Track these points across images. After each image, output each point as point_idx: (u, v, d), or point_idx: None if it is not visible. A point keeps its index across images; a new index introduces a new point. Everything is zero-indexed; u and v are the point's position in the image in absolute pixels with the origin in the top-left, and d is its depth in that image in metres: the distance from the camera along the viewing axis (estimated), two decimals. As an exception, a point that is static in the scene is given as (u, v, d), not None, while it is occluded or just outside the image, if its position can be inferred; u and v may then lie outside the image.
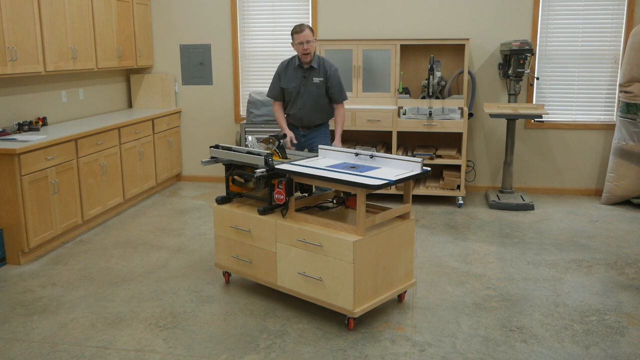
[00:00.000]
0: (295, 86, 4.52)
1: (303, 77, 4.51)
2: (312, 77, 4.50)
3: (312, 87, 4.50)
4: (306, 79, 4.51)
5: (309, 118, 4.58)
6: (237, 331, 3.35)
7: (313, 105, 4.53)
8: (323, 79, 4.50)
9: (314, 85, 4.50)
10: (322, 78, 4.50)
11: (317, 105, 4.55)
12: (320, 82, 4.49)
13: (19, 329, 3.39)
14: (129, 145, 5.77)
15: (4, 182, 4.27)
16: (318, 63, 4.51)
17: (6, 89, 4.93)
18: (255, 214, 3.64)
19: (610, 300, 3.73)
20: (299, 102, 4.54)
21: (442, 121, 5.77)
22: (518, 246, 4.74)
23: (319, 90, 4.51)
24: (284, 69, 4.58)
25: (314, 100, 4.53)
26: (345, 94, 4.62)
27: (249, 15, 6.72)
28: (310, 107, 4.53)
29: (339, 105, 4.62)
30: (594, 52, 6.17)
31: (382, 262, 3.37)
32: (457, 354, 3.08)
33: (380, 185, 3.15)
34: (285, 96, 4.61)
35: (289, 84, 4.54)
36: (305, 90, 4.51)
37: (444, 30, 6.30)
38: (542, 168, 6.43)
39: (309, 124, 4.62)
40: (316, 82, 4.49)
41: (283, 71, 4.58)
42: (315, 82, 4.49)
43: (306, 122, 4.60)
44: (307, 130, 4.65)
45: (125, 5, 6.27)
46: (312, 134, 4.65)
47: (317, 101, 4.53)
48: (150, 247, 4.79)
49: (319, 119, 4.63)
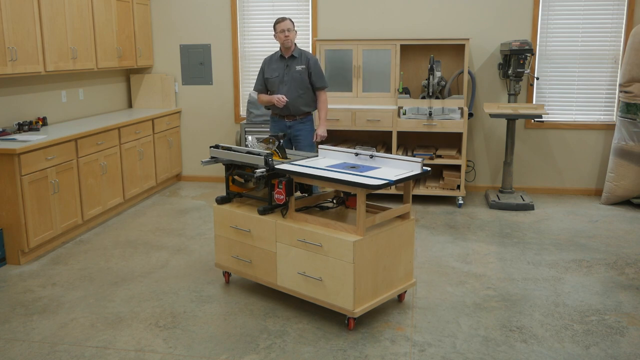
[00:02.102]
0: (278, 75, 4.82)
1: (286, 66, 4.82)
2: (295, 65, 4.80)
3: (295, 74, 4.79)
4: (289, 67, 4.81)
5: (294, 105, 4.80)
6: (237, 331, 3.35)
7: (296, 90, 4.79)
8: (305, 66, 4.80)
9: (297, 72, 4.79)
10: (304, 65, 4.80)
11: (300, 91, 4.80)
12: (302, 69, 4.80)
13: (19, 329, 3.39)
14: (129, 145, 5.77)
15: (4, 182, 4.27)
16: (299, 53, 4.83)
17: (6, 89, 4.93)
18: (255, 214, 3.64)
19: (610, 300, 3.73)
20: (283, 90, 4.80)
21: (442, 121, 5.77)
22: (518, 246, 4.74)
23: (302, 77, 4.80)
24: (267, 63, 4.91)
25: (297, 86, 4.80)
26: (326, 82, 4.94)
27: (249, 15, 6.72)
28: (294, 92, 4.79)
29: (320, 92, 4.89)
30: (594, 52, 6.17)
31: (382, 262, 3.37)
32: (457, 354, 3.08)
33: (380, 185, 3.15)
34: (269, 87, 4.88)
35: (272, 74, 4.84)
36: (288, 78, 4.79)
37: (444, 30, 6.30)
38: (542, 168, 6.43)
39: (294, 113, 4.84)
40: (298, 69, 4.79)
41: (267, 65, 4.90)
42: (298, 69, 4.79)
43: (292, 110, 4.83)
44: (293, 121, 4.88)
45: (125, 5, 6.27)
46: (297, 126, 4.88)
47: (299, 87, 4.80)
48: (150, 247, 4.79)
49: (303, 106, 4.85)
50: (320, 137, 4.93)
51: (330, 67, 6.21)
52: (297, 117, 4.88)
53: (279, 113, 4.90)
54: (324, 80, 4.92)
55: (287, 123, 4.89)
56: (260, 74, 4.94)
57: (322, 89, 4.90)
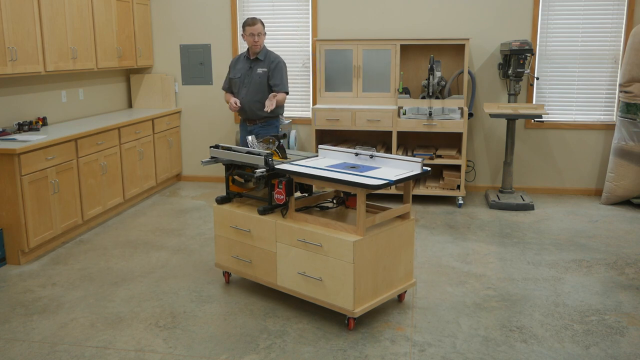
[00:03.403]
0: (240, 76, 4.73)
1: (249, 67, 4.72)
2: (257, 68, 4.69)
3: (255, 77, 4.68)
4: (251, 69, 4.71)
5: (251, 109, 4.70)
6: (237, 331, 3.35)
7: (254, 94, 4.67)
8: (267, 69, 4.67)
9: (257, 75, 4.68)
10: (266, 69, 4.67)
11: (258, 95, 4.67)
12: (263, 72, 4.67)
13: (19, 329, 3.39)
14: (129, 145, 5.77)
15: (4, 182, 4.27)
16: (265, 55, 4.71)
17: (6, 89, 4.93)
18: (255, 214, 3.64)
19: (610, 300, 3.73)
20: (243, 92, 4.71)
21: (442, 121, 5.77)
22: (518, 246, 4.74)
23: (262, 80, 4.67)
24: (234, 62, 4.84)
25: (256, 90, 4.67)
26: (286, 87, 4.72)
27: (248, 15, 6.71)
28: (253, 96, 4.67)
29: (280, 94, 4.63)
30: (594, 52, 6.17)
31: (382, 262, 3.37)
32: (457, 354, 3.08)
33: (380, 185, 3.15)
34: (233, 87, 4.80)
35: (236, 74, 4.76)
36: (249, 80, 4.69)
37: (444, 30, 6.30)
38: (542, 168, 6.43)
39: (252, 117, 4.74)
40: (259, 72, 4.67)
41: (233, 64, 4.84)
42: (259, 72, 4.68)
43: (250, 115, 4.73)
44: (254, 126, 4.76)
45: (125, 5, 6.27)
46: (258, 131, 4.72)
47: (258, 90, 4.67)
48: (150, 247, 4.79)
49: (261, 111, 4.67)
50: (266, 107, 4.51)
51: (330, 67, 6.21)
52: (257, 121, 4.75)
53: (241, 117, 4.85)
54: (283, 84, 4.67)
55: (248, 127, 4.79)
56: (227, 74, 4.90)
57: (280, 92, 4.64)
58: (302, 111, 6.82)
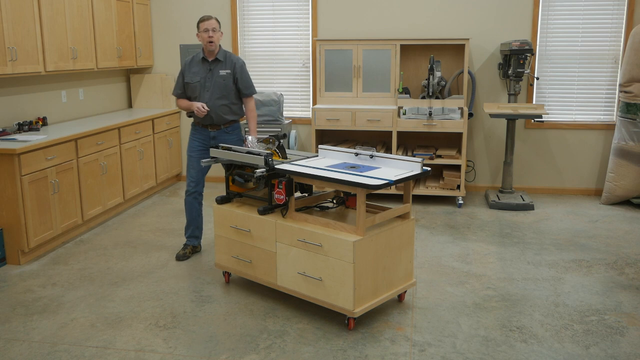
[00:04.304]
0: (200, 79, 4.35)
1: (209, 70, 4.35)
2: (219, 70, 4.35)
3: (218, 79, 4.34)
4: (212, 72, 4.35)
5: (217, 113, 4.35)
6: (237, 331, 3.35)
7: (220, 97, 4.34)
8: (230, 71, 4.36)
9: (221, 78, 4.34)
10: (230, 70, 4.36)
11: (224, 99, 4.36)
12: (227, 74, 4.35)
13: (19, 329, 3.39)
14: (129, 145, 5.77)
15: (4, 182, 4.27)
16: (224, 56, 4.38)
17: (6, 89, 4.93)
18: (255, 214, 3.64)
19: (610, 300, 3.73)
20: (205, 96, 4.33)
21: (442, 121, 5.77)
22: (518, 246, 4.74)
23: (226, 82, 4.36)
24: (187, 65, 4.42)
25: (221, 93, 4.34)
26: (254, 88, 4.49)
27: (249, 15, 6.72)
28: (218, 100, 4.34)
29: (248, 99, 4.46)
30: (594, 52, 6.17)
31: (382, 262, 3.37)
32: (457, 354, 3.08)
33: (380, 185, 3.15)
34: (190, 92, 4.40)
35: (193, 78, 4.36)
36: (211, 83, 4.34)
37: (444, 30, 6.30)
38: (542, 168, 6.43)
39: (218, 122, 4.38)
40: (223, 74, 4.34)
41: (187, 67, 4.42)
42: (222, 74, 4.34)
43: (215, 119, 4.37)
44: (217, 131, 4.41)
45: (125, 5, 6.27)
46: (222, 137, 4.41)
47: (223, 93, 4.35)
48: (150, 247, 4.79)
49: (228, 115, 4.40)
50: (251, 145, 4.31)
51: (330, 67, 6.21)
52: (221, 126, 4.40)
53: (201, 122, 4.40)
54: (252, 87, 4.46)
55: (210, 133, 4.40)
56: (179, 77, 4.45)
57: (249, 95, 4.45)
58: (302, 111, 6.82)
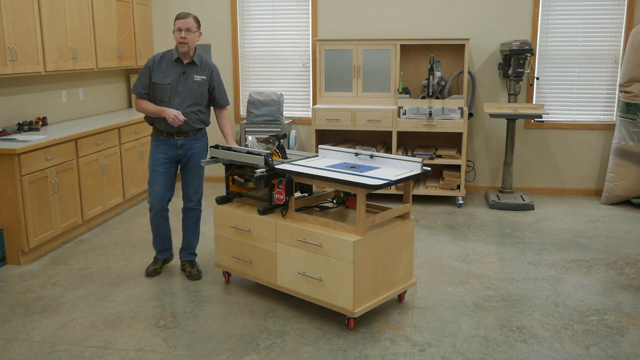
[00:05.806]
0: (171, 82, 3.92)
1: (182, 72, 3.94)
2: (193, 74, 3.96)
3: (192, 85, 3.95)
4: (185, 75, 3.94)
5: (187, 122, 3.95)
6: (237, 331, 3.35)
7: (192, 105, 3.97)
8: (207, 77, 4.01)
9: (195, 83, 3.96)
10: (206, 77, 4.01)
11: (196, 106, 3.99)
12: (202, 80, 3.99)
13: (19, 329, 3.39)
14: (129, 145, 5.77)
15: (4, 182, 4.27)
16: (200, 60, 4.01)
17: (6, 89, 4.93)
18: (255, 214, 3.64)
19: (610, 300, 3.73)
20: (176, 102, 3.92)
21: (442, 121, 5.77)
22: (518, 246, 4.74)
23: (201, 89, 3.99)
24: (157, 63, 3.96)
25: (194, 99, 3.97)
26: (228, 99, 4.22)
27: (249, 15, 6.72)
28: (190, 107, 3.96)
29: (222, 110, 4.17)
30: (594, 52, 6.17)
31: (382, 262, 3.37)
32: (457, 354, 3.08)
33: (380, 185, 3.15)
34: (157, 94, 3.94)
35: (164, 79, 3.92)
36: (183, 88, 3.93)
37: (444, 30, 6.30)
38: (542, 168, 6.43)
39: (187, 129, 3.99)
40: (198, 79, 3.97)
41: (156, 65, 3.95)
42: (197, 79, 3.97)
43: (185, 127, 3.96)
44: (185, 139, 4.01)
45: (125, 5, 6.27)
46: (190, 144, 4.03)
47: (197, 100, 3.99)
48: (150, 247, 4.77)
49: (198, 123, 4.03)
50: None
51: (330, 67, 6.21)
52: (189, 133, 4.01)
53: (165, 129, 3.96)
54: (227, 97, 4.18)
55: (177, 142, 3.99)
56: (144, 75, 3.96)
57: (224, 107, 4.17)
58: (302, 111, 6.82)
